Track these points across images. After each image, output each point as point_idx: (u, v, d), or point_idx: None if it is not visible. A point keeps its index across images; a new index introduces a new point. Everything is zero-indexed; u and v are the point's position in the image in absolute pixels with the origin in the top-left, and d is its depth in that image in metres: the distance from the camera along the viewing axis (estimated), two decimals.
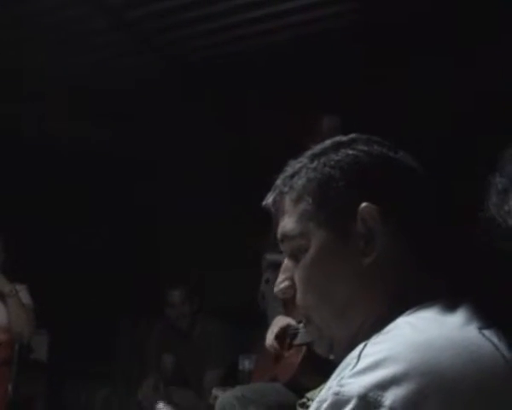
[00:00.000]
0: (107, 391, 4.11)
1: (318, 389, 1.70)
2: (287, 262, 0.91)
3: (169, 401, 3.43)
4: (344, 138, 0.91)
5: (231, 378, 3.20)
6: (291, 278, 0.89)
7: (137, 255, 4.54)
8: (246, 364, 2.87)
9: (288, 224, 0.88)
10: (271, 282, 3.00)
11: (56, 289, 4.06)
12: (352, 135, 0.91)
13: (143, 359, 4.06)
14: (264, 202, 0.93)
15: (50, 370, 3.91)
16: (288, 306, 2.37)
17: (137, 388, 3.77)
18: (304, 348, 2.07)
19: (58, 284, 4.13)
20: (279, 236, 0.90)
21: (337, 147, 0.89)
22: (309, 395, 1.68)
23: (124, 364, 4.31)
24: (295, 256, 0.88)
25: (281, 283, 0.91)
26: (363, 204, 0.83)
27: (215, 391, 2.90)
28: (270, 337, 2.35)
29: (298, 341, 2.14)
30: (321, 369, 0.91)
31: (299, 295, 0.88)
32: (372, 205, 0.83)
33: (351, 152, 0.87)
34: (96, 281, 4.35)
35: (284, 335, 2.32)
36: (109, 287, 4.34)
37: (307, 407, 1.66)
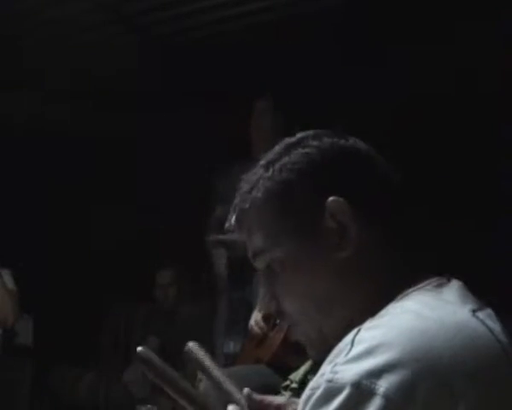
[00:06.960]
0: (93, 376, 4.10)
1: (302, 370, 1.69)
2: (264, 277, 0.89)
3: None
4: (292, 139, 0.89)
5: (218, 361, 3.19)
6: (272, 291, 0.88)
7: (123, 240, 4.51)
8: (231, 346, 2.85)
9: (255, 240, 0.87)
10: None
11: (41, 273, 4.05)
12: (299, 134, 0.89)
13: (128, 342, 4.05)
14: (227, 225, 0.92)
15: (35, 354, 3.89)
16: None
17: (123, 372, 3.76)
18: (285, 327, 2.08)
19: (43, 268, 4.11)
20: (250, 253, 0.88)
21: (288, 149, 0.87)
22: (292, 376, 1.68)
23: (109, 348, 4.30)
24: (271, 269, 0.86)
25: (263, 298, 0.90)
26: (329, 199, 0.81)
27: (200, 374, 2.88)
28: (255, 319, 2.35)
29: None
30: (303, 347, 0.90)
31: (284, 305, 0.86)
32: (338, 198, 0.81)
33: (302, 151, 0.85)
34: (81, 265, 4.34)
35: (270, 317, 2.32)
36: (94, 271, 4.34)
37: (291, 389, 1.66)
